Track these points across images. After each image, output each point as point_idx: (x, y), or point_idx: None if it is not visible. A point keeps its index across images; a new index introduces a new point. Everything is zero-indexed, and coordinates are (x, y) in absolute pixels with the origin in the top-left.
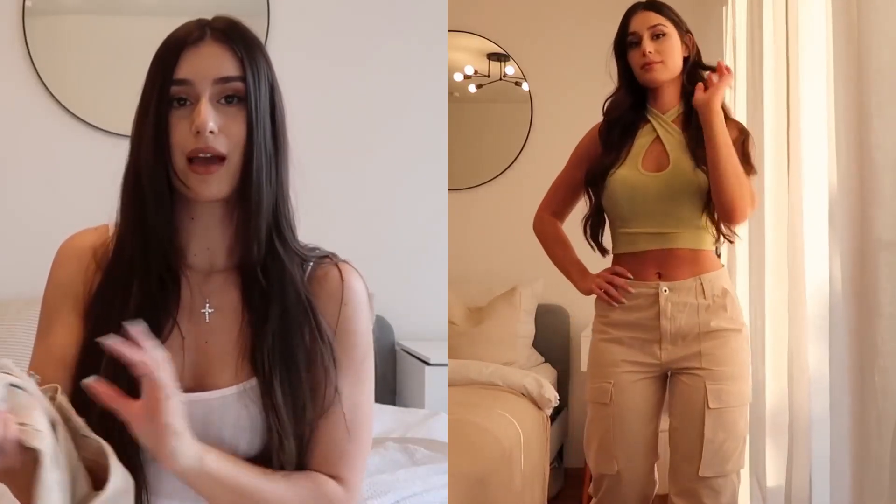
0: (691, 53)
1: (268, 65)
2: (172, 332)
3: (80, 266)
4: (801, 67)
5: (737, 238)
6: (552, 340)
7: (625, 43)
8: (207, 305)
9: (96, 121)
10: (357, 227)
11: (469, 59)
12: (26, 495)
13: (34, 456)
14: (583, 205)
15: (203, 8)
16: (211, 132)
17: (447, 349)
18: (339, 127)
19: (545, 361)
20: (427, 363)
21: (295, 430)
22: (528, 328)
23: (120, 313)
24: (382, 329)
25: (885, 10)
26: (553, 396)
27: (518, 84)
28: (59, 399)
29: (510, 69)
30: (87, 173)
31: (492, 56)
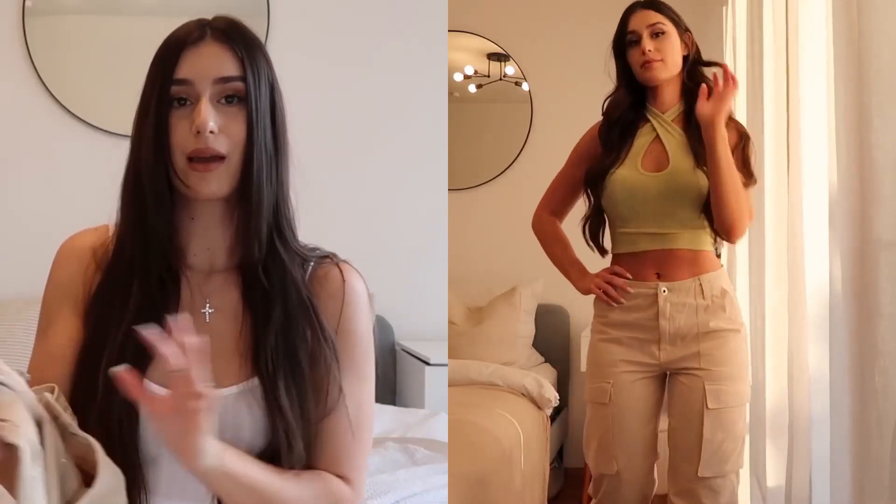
0: (691, 52)
1: (268, 65)
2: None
3: (80, 266)
4: (801, 67)
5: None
6: (552, 340)
7: (624, 42)
8: (208, 305)
9: (96, 121)
10: (357, 227)
11: (469, 59)
12: (12, 492)
13: (15, 452)
14: (582, 204)
15: (203, 8)
16: (211, 132)
17: (447, 349)
18: (338, 127)
19: (545, 361)
20: (427, 363)
21: (301, 431)
22: (528, 328)
23: (120, 313)
24: (382, 329)
25: (885, 10)
26: (553, 396)
27: (518, 84)
28: (46, 397)
29: (510, 69)
30: (87, 173)
31: (492, 56)
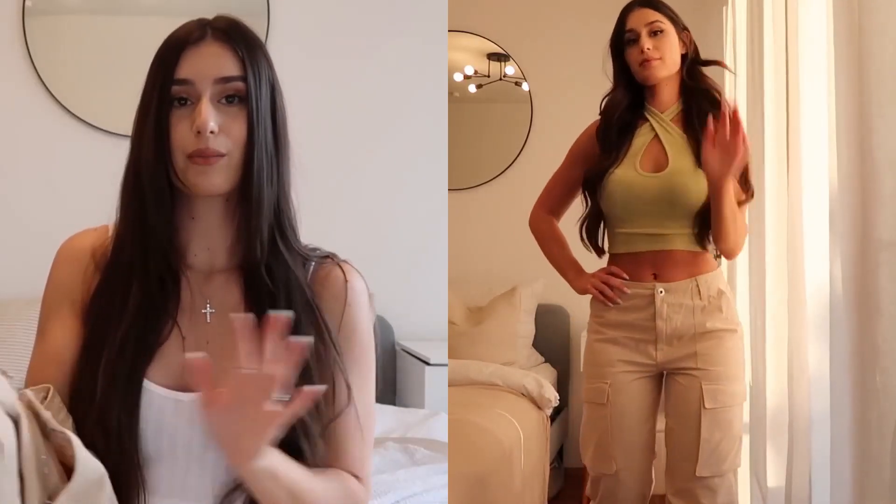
0: (689, 50)
1: (269, 64)
2: (172, 332)
3: (79, 267)
4: (802, 67)
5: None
6: (552, 340)
7: (622, 40)
8: (208, 306)
9: (96, 121)
10: (357, 227)
11: (469, 59)
12: None
13: None
14: (579, 204)
15: (203, 8)
16: (212, 132)
17: (447, 349)
18: (338, 127)
19: (545, 361)
20: (427, 363)
21: (319, 430)
22: (528, 328)
23: (119, 313)
24: (382, 329)
25: (885, 9)
26: (553, 396)
27: (518, 84)
28: (28, 396)
29: (510, 69)
30: (86, 173)
31: (492, 56)
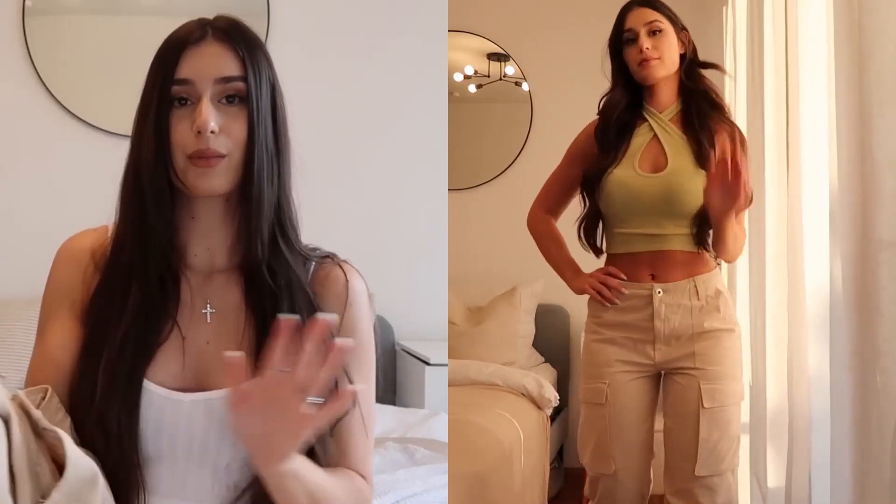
0: (687, 50)
1: (269, 64)
2: (172, 332)
3: (78, 268)
4: (802, 67)
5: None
6: (552, 340)
7: (621, 40)
8: (209, 306)
9: (96, 121)
10: (357, 227)
11: (469, 59)
12: None
13: None
14: (577, 203)
15: (203, 8)
16: (212, 132)
17: (447, 349)
18: (338, 127)
19: (545, 361)
20: (427, 363)
21: (328, 431)
22: (528, 328)
23: (119, 313)
24: (382, 329)
25: (886, 9)
26: (553, 396)
27: (518, 84)
28: (19, 396)
29: (510, 69)
30: (86, 173)
31: (492, 56)
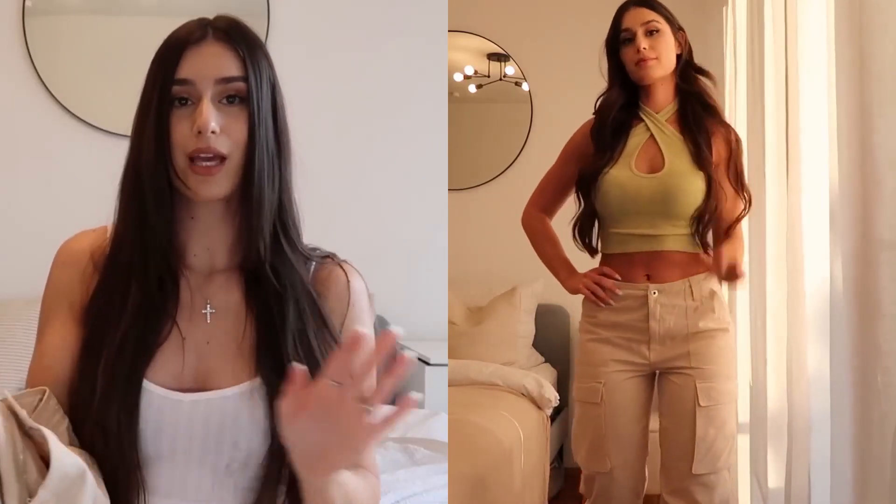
0: (684, 51)
1: (269, 65)
2: (172, 332)
3: (77, 269)
4: (802, 67)
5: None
6: (552, 340)
7: (618, 40)
8: (209, 306)
9: (96, 121)
10: (357, 227)
11: (469, 59)
12: None
13: None
14: (572, 202)
15: (203, 8)
16: (213, 132)
17: (447, 349)
18: (338, 127)
19: (545, 361)
20: (427, 363)
21: None
22: (528, 328)
23: (118, 313)
24: (382, 329)
25: (886, 9)
26: (553, 396)
27: (518, 84)
28: (6, 396)
29: (510, 69)
30: (86, 173)
31: (492, 56)
